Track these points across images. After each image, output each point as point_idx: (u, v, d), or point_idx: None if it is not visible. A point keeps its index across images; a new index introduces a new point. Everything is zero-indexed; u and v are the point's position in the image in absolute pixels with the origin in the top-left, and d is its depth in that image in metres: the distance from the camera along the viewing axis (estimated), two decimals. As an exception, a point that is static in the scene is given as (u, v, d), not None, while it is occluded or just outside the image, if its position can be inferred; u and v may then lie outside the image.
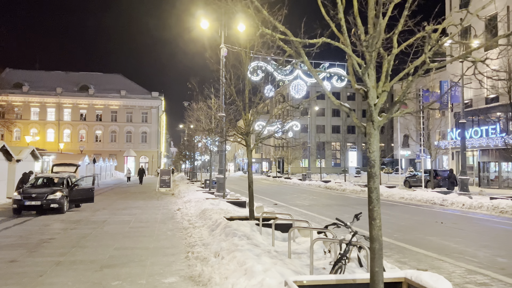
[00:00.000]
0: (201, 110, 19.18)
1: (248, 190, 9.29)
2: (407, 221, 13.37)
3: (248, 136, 9.30)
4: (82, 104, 66.49)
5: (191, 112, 24.19)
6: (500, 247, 8.99)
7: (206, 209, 12.21)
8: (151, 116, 68.51)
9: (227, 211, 11.86)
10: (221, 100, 16.57)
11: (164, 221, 12.48)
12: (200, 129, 20.61)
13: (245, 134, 9.28)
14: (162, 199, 20.70)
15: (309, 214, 14.70)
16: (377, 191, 3.64)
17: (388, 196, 23.00)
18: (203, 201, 14.51)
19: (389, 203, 19.57)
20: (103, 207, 16.60)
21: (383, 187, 26.70)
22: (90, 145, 64.06)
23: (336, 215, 14.28)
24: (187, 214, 13.29)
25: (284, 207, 17.60)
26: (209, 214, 11.31)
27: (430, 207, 17.85)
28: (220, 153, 17.47)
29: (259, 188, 33.25)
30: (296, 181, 41.34)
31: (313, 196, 23.90)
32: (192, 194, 19.02)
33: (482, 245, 9.15)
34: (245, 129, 9.30)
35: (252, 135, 9.47)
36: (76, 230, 10.70)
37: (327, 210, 16.31)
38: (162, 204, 18.00)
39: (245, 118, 9.38)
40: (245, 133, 9.27)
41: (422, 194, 21.02)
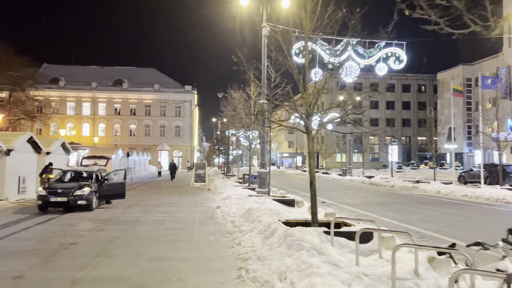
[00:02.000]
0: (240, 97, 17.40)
1: (310, 187, 7.42)
2: (493, 225, 11.10)
3: (309, 119, 7.40)
4: (116, 98, 66.54)
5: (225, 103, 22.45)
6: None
7: (252, 209, 10.43)
8: (184, 110, 67.75)
9: (276, 211, 10.03)
10: (263, 83, 14.73)
11: (203, 221, 10.82)
12: (238, 119, 18.85)
13: (306, 117, 7.39)
14: (198, 194, 19.17)
15: (368, 215, 12.66)
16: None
17: (447, 194, 20.49)
18: (245, 199, 12.76)
19: (454, 202, 17.15)
20: (135, 203, 15.20)
21: (439, 183, 24.08)
22: (124, 139, 64.02)
23: (401, 216, 12.16)
24: (229, 213, 11.57)
25: (334, 205, 15.60)
26: (257, 214, 9.52)
27: (506, 207, 15.34)
28: (262, 144, 15.67)
29: (297, 183, 31.30)
30: (336, 177, 39.05)
31: (361, 193, 21.71)
32: (231, 190, 17.33)
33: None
34: (306, 110, 7.41)
35: (314, 117, 7.57)
36: (103, 231, 9.20)
37: (386, 210, 14.19)
38: (199, 200, 16.43)
39: (305, 96, 7.48)
40: (306, 115, 7.38)
41: (490, 192, 18.43)
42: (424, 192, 22.47)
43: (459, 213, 13.43)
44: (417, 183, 25.64)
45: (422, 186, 23.92)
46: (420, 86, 79.78)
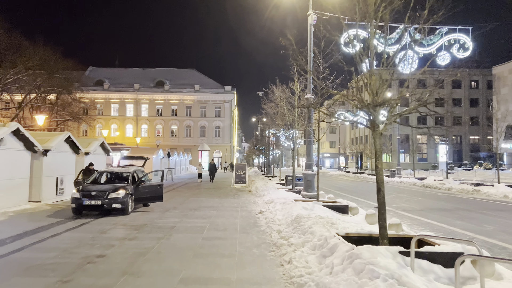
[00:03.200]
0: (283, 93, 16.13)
1: (377, 195, 6.04)
2: None
3: (375, 110, 6.03)
4: (158, 99, 67.29)
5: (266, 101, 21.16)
6: None
7: (300, 216, 9.15)
8: (224, 110, 67.40)
9: (330, 220, 8.68)
10: (308, 76, 13.38)
11: (245, 229, 9.66)
12: (280, 116, 17.58)
13: (372, 107, 6.02)
14: (239, 197, 18.10)
15: (433, 224, 11.00)
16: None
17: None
18: (291, 204, 11.47)
19: (529, 209, 14.98)
20: (173, 206, 14.35)
21: (504, 186, 21.58)
22: (166, 140, 64.59)
23: (473, 225, 10.40)
24: (274, 220, 10.34)
25: (389, 211, 13.93)
26: (307, 224, 8.23)
27: None
28: (308, 143, 14.31)
29: (343, 185, 29.59)
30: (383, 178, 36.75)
31: (416, 197, 19.78)
32: (274, 193, 16.11)
33: None
34: (372, 100, 6.04)
35: (382, 109, 6.19)
36: (135, 241, 8.25)
37: (452, 217, 12.40)
38: (240, 203, 15.34)
39: (371, 82, 6.12)
40: (373, 105, 6.01)
41: None
42: (488, 196, 20.16)
43: (543, 223, 11.45)
44: (478, 186, 23.25)
45: (484, 189, 21.56)
46: (472, 81, 74.83)
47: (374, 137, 6.09)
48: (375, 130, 6.08)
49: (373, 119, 6.08)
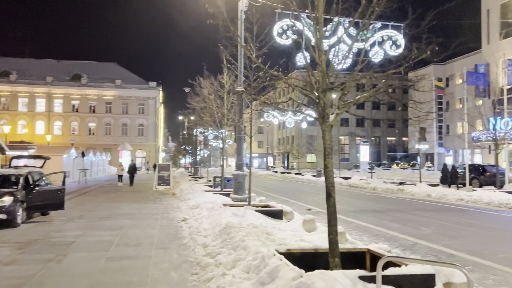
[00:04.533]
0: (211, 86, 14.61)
1: (327, 202, 4.86)
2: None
3: (325, 96, 4.83)
4: (74, 94, 61.78)
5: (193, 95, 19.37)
6: None
7: (230, 225, 7.75)
8: (148, 107, 63.87)
9: (264, 229, 7.39)
10: (239, 68, 12.05)
11: (164, 243, 8.03)
12: (208, 112, 16.04)
13: (322, 92, 4.81)
14: (161, 201, 16.23)
15: (371, 228, 10.27)
16: None
17: (439, 197, 18.59)
18: (219, 209, 10.03)
19: (454, 208, 15.15)
20: (80, 214, 12.15)
21: (426, 185, 22.28)
22: (82, 138, 59.41)
23: (411, 229, 9.77)
24: (199, 230, 8.82)
25: (322, 213, 13.16)
26: (239, 236, 6.86)
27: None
28: (239, 141, 12.98)
29: (271, 186, 28.84)
30: (310, 178, 36.89)
31: (346, 197, 19.45)
32: (200, 196, 14.55)
33: None
34: (321, 85, 4.83)
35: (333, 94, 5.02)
36: (13, 266, 6.24)
37: (387, 219, 11.87)
38: (161, 209, 13.55)
39: (320, 61, 4.93)
40: (322, 90, 4.80)
41: (489, 196, 16.62)
42: (412, 195, 20.52)
43: (473, 223, 11.30)
44: (401, 185, 23.79)
45: (408, 188, 22.02)
46: (389, 85, 79.46)
47: (323, 130, 4.88)
48: (325, 122, 4.88)
49: (322, 107, 4.87)
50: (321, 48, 5.04)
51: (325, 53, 5.29)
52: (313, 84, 4.91)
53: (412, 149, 61.57)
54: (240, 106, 11.61)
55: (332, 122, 4.92)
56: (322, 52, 5.09)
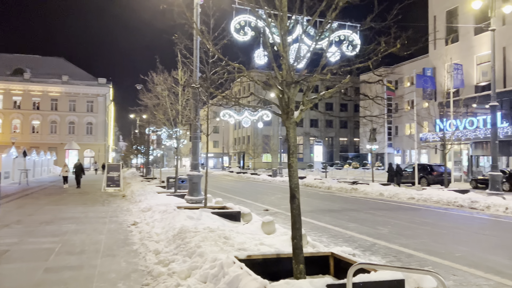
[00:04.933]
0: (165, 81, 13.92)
1: (291, 204, 4.53)
2: (482, 237, 9.19)
3: (289, 89, 4.52)
4: (16, 90, 57.80)
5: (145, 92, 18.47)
6: None
7: (185, 229, 7.26)
8: (98, 105, 61.10)
9: (222, 233, 6.97)
10: (195, 63, 11.52)
11: (111, 249, 7.37)
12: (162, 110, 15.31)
13: (287, 86, 4.48)
14: (110, 203, 15.29)
15: (330, 228, 10.14)
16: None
17: (391, 196, 19.05)
18: (173, 212, 9.47)
19: (406, 207, 15.51)
20: (18, 218, 11.08)
21: (378, 184, 22.81)
22: (25, 137, 55.75)
23: (368, 228, 9.74)
24: (151, 235, 8.22)
25: (280, 214, 12.96)
26: (194, 240, 6.40)
27: (464, 212, 13.96)
28: (195, 140, 12.43)
29: (227, 186, 28.40)
30: (266, 178, 36.85)
31: (303, 197, 19.31)
32: (152, 198, 13.83)
33: None
34: (286, 78, 4.50)
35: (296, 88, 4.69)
36: None
37: (344, 219, 11.84)
38: (110, 212, 12.70)
39: (283, 54, 4.60)
40: (287, 83, 4.48)
41: (438, 194, 17.22)
42: (365, 194, 20.92)
43: (426, 222, 11.54)
44: (355, 184, 24.21)
45: (361, 187, 22.44)
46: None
47: (287, 128, 4.55)
48: (289, 118, 4.55)
49: (286, 102, 4.53)
50: (285, 39, 4.71)
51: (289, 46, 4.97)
52: (278, 77, 4.56)
53: (363, 149, 63.60)
54: (196, 102, 11.08)
55: (297, 119, 4.60)
56: (287, 44, 4.76)
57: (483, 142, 28.32)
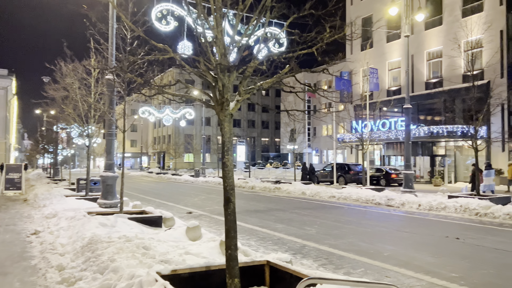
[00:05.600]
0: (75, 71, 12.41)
1: (225, 209, 3.95)
2: (405, 235, 9.40)
3: (224, 75, 3.91)
4: None
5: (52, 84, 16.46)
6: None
7: (97, 239, 6.26)
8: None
9: (141, 242, 6.12)
10: (110, 51, 10.35)
11: (3, 266, 6.10)
12: (71, 104, 13.67)
13: (221, 72, 3.86)
14: (8, 209, 13.30)
15: (257, 230, 9.70)
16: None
17: (313, 195, 19.36)
18: (83, 219, 8.29)
19: (329, 205, 15.75)
20: None
21: (300, 183, 23.16)
22: None
23: (296, 229, 9.51)
24: (55, 247, 7.03)
25: (204, 216, 12.27)
26: (108, 252, 5.49)
27: (382, 209, 14.51)
28: (109, 138, 11.21)
29: (146, 188, 26.86)
30: (188, 178, 35.73)
31: (227, 198, 18.86)
32: (59, 202, 12.26)
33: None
34: (221, 61, 3.89)
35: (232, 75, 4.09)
36: None
37: (271, 220, 11.52)
38: (6, 219, 10.93)
39: (217, 35, 3.98)
40: (221, 69, 3.86)
41: (357, 192, 17.81)
42: (288, 193, 21.05)
43: (350, 220, 11.68)
44: (278, 184, 24.33)
45: (284, 187, 22.57)
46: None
47: (222, 121, 3.94)
48: (224, 110, 3.93)
49: (221, 91, 3.91)
50: (219, 18, 4.09)
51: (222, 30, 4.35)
52: (212, 60, 3.92)
53: (283, 149, 65.12)
54: (111, 94, 9.92)
55: (232, 110, 4.00)
56: (221, 24, 4.14)
57: (394, 143, 30.33)
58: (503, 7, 25.00)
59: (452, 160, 28.09)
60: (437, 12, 28.93)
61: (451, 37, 28.06)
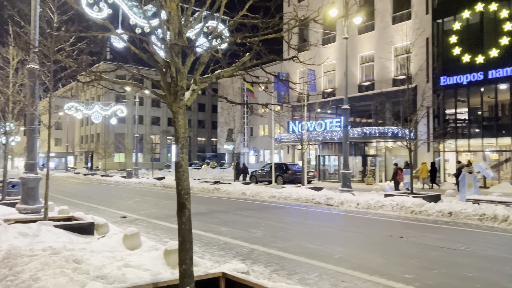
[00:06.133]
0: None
1: (179, 217, 3.37)
2: (350, 235, 9.35)
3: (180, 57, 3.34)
4: None
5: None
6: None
7: (15, 252, 5.30)
8: None
9: (71, 255, 5.26)
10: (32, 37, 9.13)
11: None
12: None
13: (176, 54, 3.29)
14: None
15: (205, 237, 9.09)
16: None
17: (253, 195, 19.08)
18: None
19: (271, 205, 15.54)
20: None
21: (240, 184, 22.81)
22: None
23: (241, 232, 9.10)
24: (-39, 263, 5.88)
25: (140, 221, 11.38)
26: (29, 269, 4.61)
27: (322, 208, 14.59)
28: (31, 134, 9.89)
29: (74, 190, 24.85)
30: (120, 179, 33.79)
31: (163, 200, 17.96)
32: (-31, 209, 10.62)
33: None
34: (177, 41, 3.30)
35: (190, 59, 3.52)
36: None
37: (214, 222, 10.96)
38: None
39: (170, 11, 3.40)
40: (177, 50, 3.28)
41: (297, 192, 17.82)
42: (228, 194, 20.56)
43: (295, 221, 11.51)
44: (217, 184, 23.76)
45: (223, 187, 22.06)
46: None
47: (175, 113, 3.36)
48: (177, 100, 3.36)
49: (174, 77, 3.33)
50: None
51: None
52: (165, 38, 3.32)
53: (220, 149, 64.53)
54: (33, 85, 8.71)
55: (188, 101, 3.43)
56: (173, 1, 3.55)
57: (329, 143, 31.16)
58: (429, 15, 26.72)
59: (383, 160, 29.49)
60: (369, 18, 30.18)
61: (382, 42, 29.55)
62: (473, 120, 25.22)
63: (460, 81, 24.70)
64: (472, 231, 9.74)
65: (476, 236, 9.07)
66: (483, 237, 8.94)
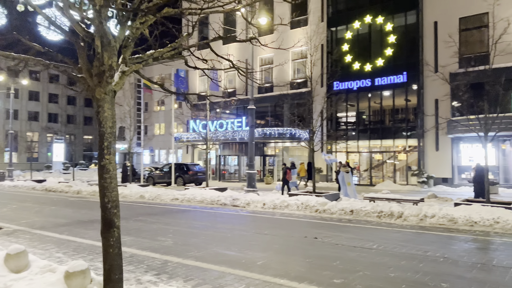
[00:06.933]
0: None
1: (105, 237, 2.53)
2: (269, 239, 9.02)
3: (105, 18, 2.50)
4: None
5: None
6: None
7: None
8: None
9: None
10: None
11: None
12: None
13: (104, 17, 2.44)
14: None
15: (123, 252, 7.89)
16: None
17: (153, 198, 17.87)
18: None
19: (174, 209, 14.62)
20: None
21: (136, 186, 21.24)
22: None
23: (150, 241, 8.25)
24: None
25: (23, 232, 9.60)
26: None
27: (228, 210, 14.17)
28: None
29: None
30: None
31: (48, 206, 15.68)
32: None
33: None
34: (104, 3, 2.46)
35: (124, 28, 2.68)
36: None
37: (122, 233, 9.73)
38: None
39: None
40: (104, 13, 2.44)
41: (201, 194, 17.15)
42: (124, 197, 18.89)
43: (206, 225, 10.86)
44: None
45: (119, 190, 20.24)
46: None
47: (100, 100, 2.49)
48: (103, 84, 2.51)
49: (100, 54, 2.49)
50: None
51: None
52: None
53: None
54: None
55: (116, 86, 2.61)
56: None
57: (230, 143, 31.01)
58: (324, 23, 28.28)
59: (280, 160, 30.37)
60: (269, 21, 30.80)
61: (281, 46, 30.43)
62: (361, 123, 27.40)
63: (351, 87, 26.61)
64: (375, 228, 10.24)
65: (382, 234, 9.51)
66: (388, 234, 9.41)
